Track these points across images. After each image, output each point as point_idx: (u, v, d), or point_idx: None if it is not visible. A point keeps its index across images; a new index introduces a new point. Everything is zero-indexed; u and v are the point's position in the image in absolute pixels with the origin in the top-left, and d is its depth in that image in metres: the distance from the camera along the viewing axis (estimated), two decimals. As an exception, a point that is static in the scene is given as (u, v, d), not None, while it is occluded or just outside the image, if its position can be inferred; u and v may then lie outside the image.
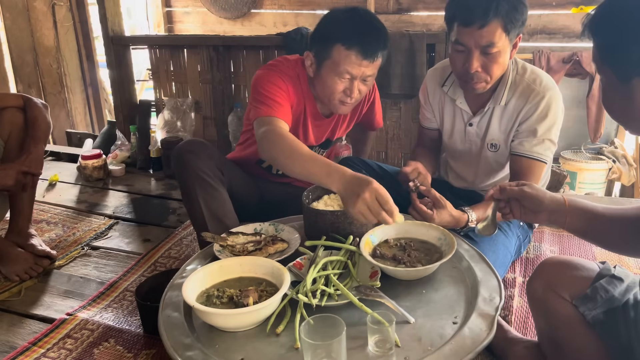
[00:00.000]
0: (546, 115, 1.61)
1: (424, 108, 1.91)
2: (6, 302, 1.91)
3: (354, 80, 1.67)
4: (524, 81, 1.65)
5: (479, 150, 1.79)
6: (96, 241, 2.34)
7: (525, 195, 1.23)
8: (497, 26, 1.48)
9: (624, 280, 1.16)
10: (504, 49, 1.53)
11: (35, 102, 2.10)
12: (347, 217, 1.42)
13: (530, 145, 1.63)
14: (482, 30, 1.48)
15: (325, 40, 1.67)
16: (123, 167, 3.16)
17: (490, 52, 1.52)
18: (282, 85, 1.73)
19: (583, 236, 1.26)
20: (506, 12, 1.47)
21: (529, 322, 1.66)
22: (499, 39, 1.50)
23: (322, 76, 1.71)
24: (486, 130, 1.73)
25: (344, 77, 1.66)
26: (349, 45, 1.61)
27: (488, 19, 1.46)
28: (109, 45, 3.23)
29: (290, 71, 1.79)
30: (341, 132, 2.05)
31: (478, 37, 1.50)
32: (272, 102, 1.68)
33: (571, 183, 3.05)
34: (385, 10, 4.01)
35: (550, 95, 1.61)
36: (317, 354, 1.00)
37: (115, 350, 1.61)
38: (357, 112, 2.02)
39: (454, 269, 1.34)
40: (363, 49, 1.61)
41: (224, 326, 1.16)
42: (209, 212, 1.71)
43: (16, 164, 1.95)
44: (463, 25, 1.51)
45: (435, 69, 1.88)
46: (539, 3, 3.56)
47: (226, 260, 1.33)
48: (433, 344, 1.08)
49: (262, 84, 1.73)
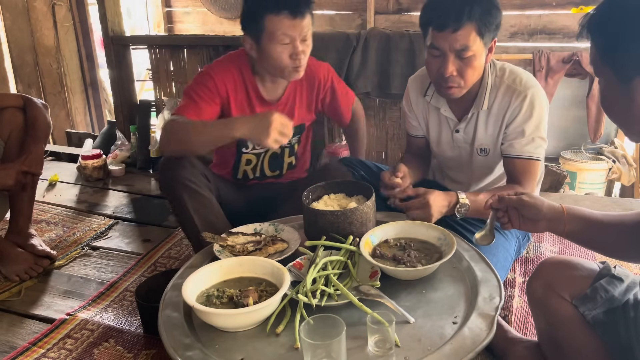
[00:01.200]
0: (531, 113, 1.60)
1: (409, 116, 1.90)
2: (6, 302, 1.91)
3: (295, 42, 1.73)
4: (504, 82, 1.64)
5: (469, 155, 1.78)
6: (96, 241, 2.34)
7: (524, 204, 1.24)
8: (471, 30, 1.48)
9: (624, 280, 1.16)
10: (479, 52, 1.52)
11: (35, 102, 2.10)
12: (347, 217, 1.42)
13: (520, 145, 1.62)
14: (456, 34, 1.48)
15: (254, 17, 1.74)
16: (123, 167, 3.16)
17: (465, 56, 1.52)
18: (210, 82, 1.83)
19: (583, 244, 1.27)
20: (479, 16, 1.47)
21: (529, 322, 1.66)
22: (473, 42, 1.49)
23: (265, 51, 1.76)
24: (473, 136, 1.72)
25: (284, 42, 1.72)
26: (277, 11, 1.69)
27: (461, 23, 1.47)
28: (109, 45, 3.23)
29: (227, 65, 1.89)
30: (302, 117, 2.01)
31: (452, 40, 1.49)
32: (189, 102, 1.82)
33: (571, 183, 3.05)
34: (385, 10, 4.01)
35: (532, 93, 1.60)
36: (317, 354, 1.00)
37: (115, 351, 1.62)
38: (313, 93, 1.99)
39: (454, 269, 1.34)
40: (291, 9, 1.69)
41: (224, 326, 1.16)
42: (200, 219, 1.72)
43: (16, 164, 1.95)
44: (437, 29, 1.51)
45: (415, 78, 1.86)
46: (539, 3, 3.55)
47: (226, 260, 1.33)
48: (433, 344, 1.07)
49: (190, 85, 1.88)
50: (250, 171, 2.04)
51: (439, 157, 1.90)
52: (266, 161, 2.03)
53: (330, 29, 4.12)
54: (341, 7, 4.28)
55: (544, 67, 2.83)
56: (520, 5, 3.70)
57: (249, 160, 2.02)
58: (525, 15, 3.68)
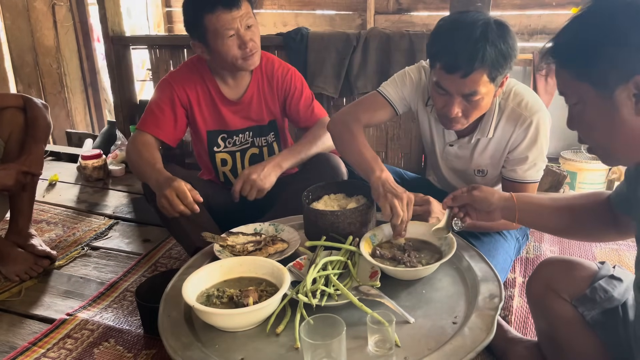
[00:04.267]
0: (536, 140, 1.55)
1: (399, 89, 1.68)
2: (6, 302, 1.91)
3: (239, 32, 1.76)
4: (508, 106, 1.56)
5: (463, 168, 1.75)
6: (96, 241, 2.34)
7: (475, 198, 1.31)
8: (482, 74, 1.37)
9: (623, 280, 1.16)
10: (488, 94, 1.44)
11: (35, 102, 2.10)
12: (347, 217, 1.42)
13: (522, 171, 1.59)
14: (465, 79, 1.37)
15: (194, 21, 1.78)
16: (123, 167, 3.16)
17: (473, 100, 1.42)
18: (169, 91, 1.91)
19: (533, 227, 1.42)
20: (492, 61, 1.35)
21: (529, 322, 1.66)
22: (482, 87, 1.39)
23: (215, 50, 1.80)
24: (471, 157, 1.68)
25: (229, 34, 1.76)
26: (212, 9, 1.73)
27: (472, 69, 1.35)
28: (109, 45, 3.23)
29: (186, 71, 1.94)
30: (271, 112, 2.01)
31: (461, 85, 1.39)
32: (149, 115, 1.91)
33: (571, 183, 3.05)
34: (385, 10, 4.01)
35: (538, 119, 1.53)
36: (317, 354, 1.00)
37: (116, 350, 1.62)
38: (274, 88, 1.98)
39: (454, 269, 1.34)
40: (224, 3, 1.73)
41: (224, 326, 1.16)
42: (188, 222, 1.72)
43: (16, 164, 1.95)
44: (445, 71, 1.39)
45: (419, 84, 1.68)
46: (539, 3, 3.56)
47: (226, 260, 1.34)
48: (433, 344, 1.08)
49: (152, 96, 1.95)
50: (229, 172, 2.05)
51: (432, 162, 1.87)
52: (246, 163, 2.04)
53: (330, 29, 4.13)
54: (341, 7, 4.28)
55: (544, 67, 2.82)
56: (520, 5, 3.71)
57: (224, 160, 2.03)
58: (525, 15, 3.69)
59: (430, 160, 1.91)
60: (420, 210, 1.47)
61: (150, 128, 1.89)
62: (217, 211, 1.88)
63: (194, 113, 1.95)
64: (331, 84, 2.77)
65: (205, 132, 1.99)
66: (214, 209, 1.88)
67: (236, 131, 2.00)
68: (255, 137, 2.03)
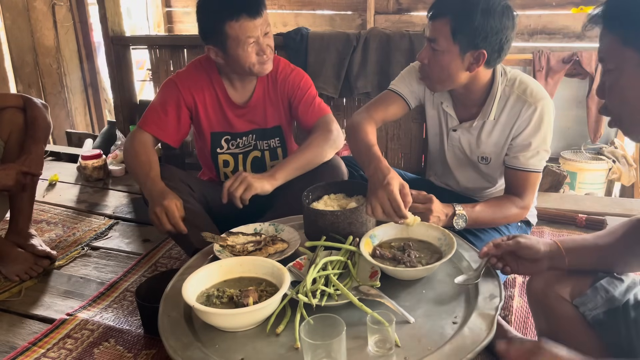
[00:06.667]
0: (539, 127, 1.58)
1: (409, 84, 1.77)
2: (6, 302, 1.91)
3: (259, 40, 1.78)
4: (513, 92, 1.60)
5: (465, 156, 1.76)
6: (96, 241, 2.34)
7: (521, 245, 1.22)
8: (445, 25, 1.48)
9: (624, 280, 1.16)
10: (448, 52, 1.51)
11: (35, 102, 2.10)
12: (347, 217, 1.42)
13: (525, 159, 1.61)
14: (432, 22, 1.52)
15: (213, 28, 1.76)
16: (123, 167, 3.16)
17: (435, 48, 1.53)
18: (174, 91, 1.90)
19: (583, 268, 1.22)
20: (455, 13, 1.47)
21: (529, 322, 1.66)
22: (443, 38, 1.50)
23: (232, 56, 1.79)
24: (477, 142, 1.70)
25: (250, 42, 1.76)
26: (236, 17, 1.72)
27: (438, 12, 1.50)
28: (109, 45, 3.23)
29: (194, 71, 1.93)
30: (276, 117, 2.00)
31: (430, 28, 1.53)
32: (152, 114, 1.90)
33: (571, 183, 3.05)
34: (385, 10, 4.01)
35: (542, 106, 1.57)
36: (317, 354, 1.00)
37: (116, 350, 1.62)
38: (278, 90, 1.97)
39: (454, 269, 1.34)
40: (248, 12, 1.73)
41: (224, 326, 1.16)
42: (187, 224, 1.70)
43: (16, 164, 1.95)
44: (427, 14, 1.56)
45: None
46: (539, 3, 3.56)
47: (226, 260, 1.33)
48: (433, 344, 1.07)
49: (156, 95, 1.94)
50: (230, 174, 2.04)
51: (433, 152, 1.88)
52: (248, 165, 2.04)
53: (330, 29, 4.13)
54: (341, 7, 4.29)
55: (544, 67, 2.83)
56: (520, 5, 3.71)
57: (226, 161, 2.03)
58: (525, 15, 3.69)
59: (433, 153, 1.90)
60: (422, 208, 1.47)
61: (152, 128, 1.88)
62: (216, 211, 1.87)
63: (199, 115, 1.94)
64: (331, 84, 2.77)
65: (209, 134, 1.99)
66: (213, 209, 1.88)
67: (240, 134, 2.00)
68: (258, 140, 2.02)
